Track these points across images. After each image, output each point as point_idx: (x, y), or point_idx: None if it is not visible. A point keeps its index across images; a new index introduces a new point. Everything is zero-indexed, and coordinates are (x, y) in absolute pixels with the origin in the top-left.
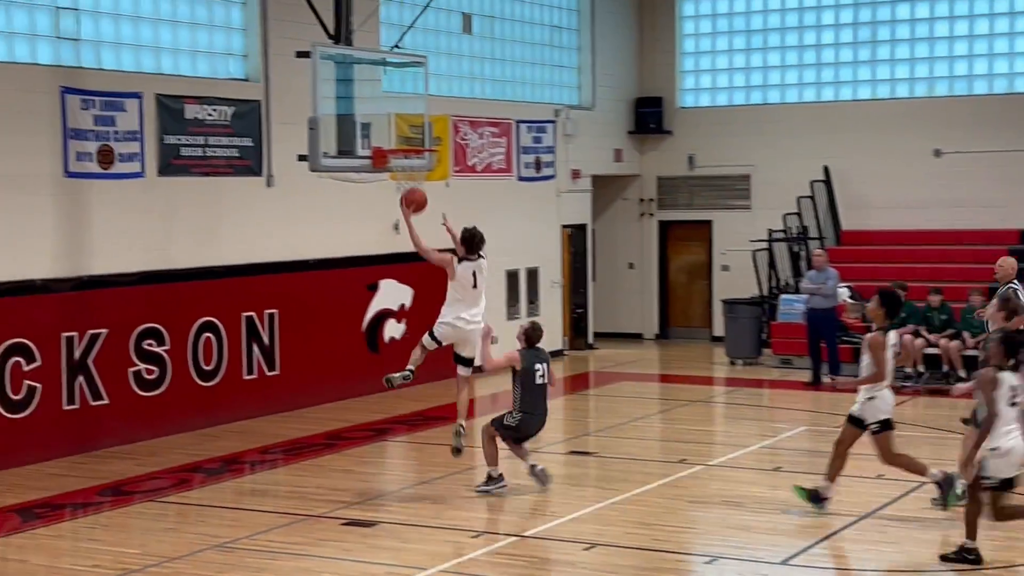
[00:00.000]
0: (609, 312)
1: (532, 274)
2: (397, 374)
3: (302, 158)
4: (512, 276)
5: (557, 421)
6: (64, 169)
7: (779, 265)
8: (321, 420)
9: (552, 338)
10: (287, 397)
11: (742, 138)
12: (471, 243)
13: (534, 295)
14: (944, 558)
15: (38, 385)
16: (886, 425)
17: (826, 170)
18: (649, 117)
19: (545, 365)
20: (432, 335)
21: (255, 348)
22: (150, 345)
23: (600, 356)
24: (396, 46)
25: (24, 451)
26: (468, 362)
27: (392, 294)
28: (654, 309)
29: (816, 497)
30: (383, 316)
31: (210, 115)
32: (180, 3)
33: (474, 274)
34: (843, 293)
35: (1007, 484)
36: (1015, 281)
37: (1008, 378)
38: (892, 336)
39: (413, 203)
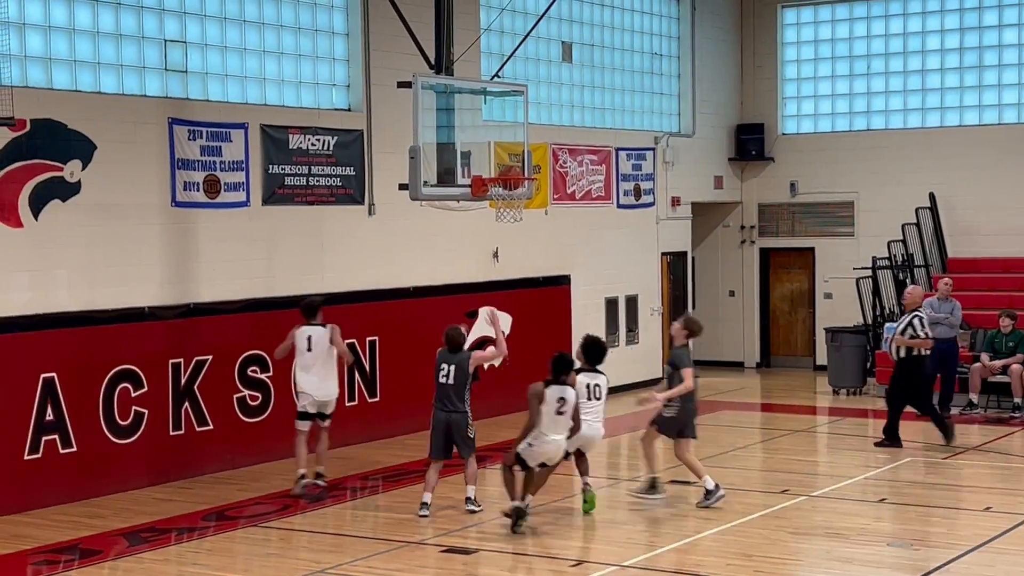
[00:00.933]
0: (709, 340)
1: (631, 301)
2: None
3: (403, 187)
4: (611, 303)
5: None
6: (172, 199)
7: (884, 293)
8: (421, 447)
9: (651, 366)
10: (387, 424)
11: (845, 164)
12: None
13: (633, 322)
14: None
15: (145, 411)
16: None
17: (932, 197)
18: (750, 144)
19: (451, 366)
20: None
21: (356, 375)
22: (254, 372)
23: (700, 385)
24: (496, 75)
25: (131, 476)
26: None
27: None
28: (755, 337)
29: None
30: (482, 343)
31: (313, 145)
32: (285, 35)
33: (308, 338)
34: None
35: (525, 466)
36: (921, 310)
37: (553, 392)
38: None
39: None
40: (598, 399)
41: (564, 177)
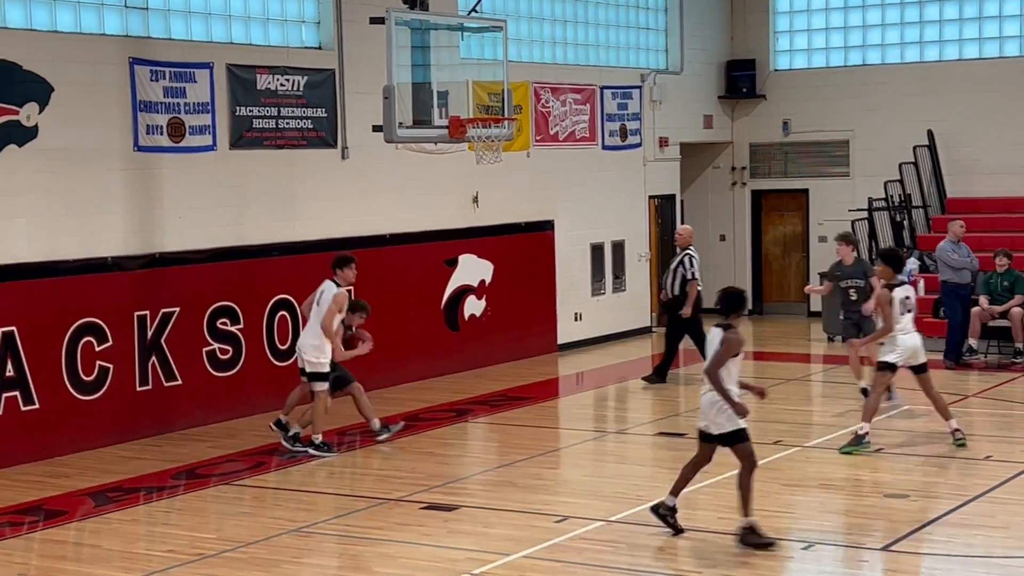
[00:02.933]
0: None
1: (618, 247)
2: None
3: (377, 128)
4: (597, 250)
5: (644, 402)
6: (134, 143)
7: (880, 236)
8: (400, 400)
9: (639, 314)
10: (364, 377)
11: (840, 102)
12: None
13: (620, 269)
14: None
15: (110, 366)
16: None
17: (930, 134)
18: (741, 81)
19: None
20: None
21: None
22: (224, 324)
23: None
24: (474, 10)
25: (97, 433)
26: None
27: (472, 269)
28: (747, 283)
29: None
30: (463, 292)
31: (282, 85)
32: None
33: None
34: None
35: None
36: (692, 248)
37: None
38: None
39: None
40: (910, 311)
41: (546, 117)
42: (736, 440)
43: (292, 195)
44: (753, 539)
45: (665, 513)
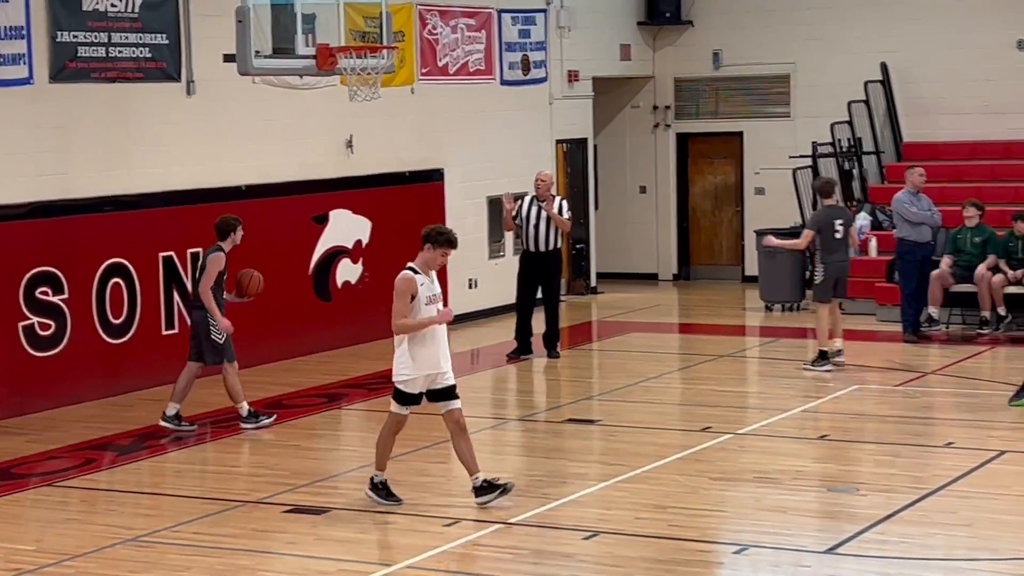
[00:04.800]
0: (616, 248)
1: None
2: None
3: (229, 58)
4: (495, 204)
5: (552, 383)
6: None
7: None
8: (260, 384)
9: None
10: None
11: (780, 29)
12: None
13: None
14: None
15: None
16: None
17: (884, 68)
18: (664, 4)
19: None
20: None
21: (175, 296)
22: (44, 294)
23: (605, 302)
24: None
25: None
26: None
27: (345, 228)
28: (671, 243)
29: None
30: (335, 255)
31: (114, 6)
32: None
33: None
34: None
35: None
36: (556, 195)
37: None
38: None
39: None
40: None
41: (434, 46)
42: None
43: (127, 138)
44: None
45: None
